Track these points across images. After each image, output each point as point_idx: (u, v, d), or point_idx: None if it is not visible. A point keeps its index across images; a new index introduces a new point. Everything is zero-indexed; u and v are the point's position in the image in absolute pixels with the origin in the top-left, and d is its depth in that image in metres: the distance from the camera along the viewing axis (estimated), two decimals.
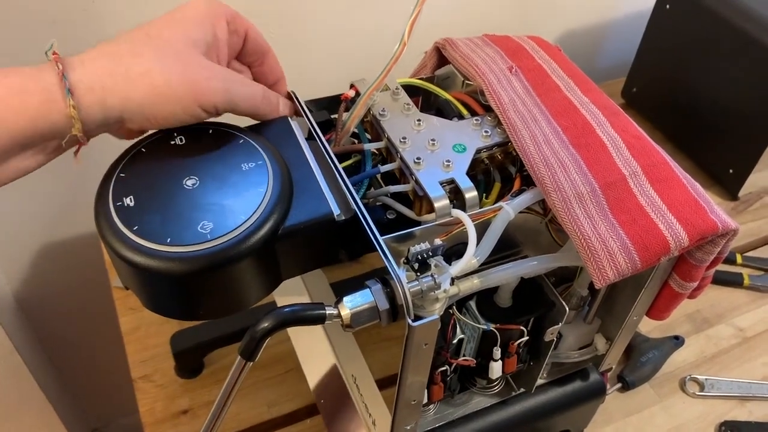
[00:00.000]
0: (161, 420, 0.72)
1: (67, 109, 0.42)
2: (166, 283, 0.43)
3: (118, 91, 0.43)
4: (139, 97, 0.44)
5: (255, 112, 0.50)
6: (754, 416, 0.76)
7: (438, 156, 0.50)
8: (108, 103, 0.43)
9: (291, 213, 0.46)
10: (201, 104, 0.45)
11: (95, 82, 0.43)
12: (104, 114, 0.44)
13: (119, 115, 0.44)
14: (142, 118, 0.45)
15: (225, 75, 0.47)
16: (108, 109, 0.44)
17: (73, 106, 0.42)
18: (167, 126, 0.47)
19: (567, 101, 0.54)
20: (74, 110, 0.42)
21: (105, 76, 0.43)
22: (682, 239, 0.46)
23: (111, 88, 0.43)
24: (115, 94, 0.43)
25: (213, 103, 0.46)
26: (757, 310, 0.86)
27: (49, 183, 0.96)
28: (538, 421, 0.65)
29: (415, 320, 0.42)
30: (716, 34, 0.95)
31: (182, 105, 0.45)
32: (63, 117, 0.42)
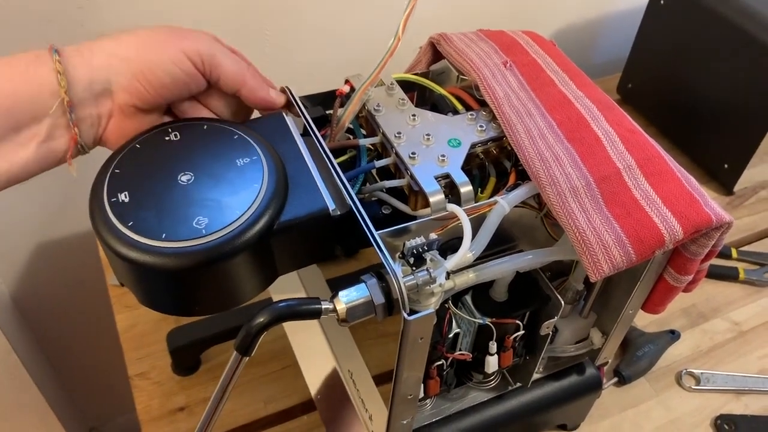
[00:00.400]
0: (158, 417, 0.72)
1: (54, 65, 0.44)
2: (161, 278, 0.43)
3: (104, 50, 0.45)
4: (123, 50, 0.45)
5: (241, 78, 0.50)
6: (750, 410, 0.76)
7: (433, 151, 0.50)
8: (94, 62, 0.45)
9: (286, 208, 0.46)
10: (185, 49, 0.46)
11: (83, 46, 0.45)
12: (90, 74, 0.45)
13: (105, 77, 0.45)
14: (129, 75, 0.45)
15: (211, 35, 0.49)
16: (94, 70, 0.45)
17: (59, 62, 0.44)
18: (157, 84, 0.46)
19: (561, 95, 0.54)
20: (60, 65, 0.44)
21: (92, 43, 0.46)
22: (676, 232, 0.46)
23: (98, 48, 0.45)
24: (101, 52, 0.45)
25: (197, 50, 0.46)
26: (753, 305, 0.87)
27: (44, 183, 0.95)
28: (534, 416, 0.65)
29: (411, 314, 0.42)
30: (710, 29, 0.96)
31: (167, 51, 0.45)
32: (50, 74, 0.44)
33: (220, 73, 0.48)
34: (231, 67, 0.48)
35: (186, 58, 0.46)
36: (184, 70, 0.47)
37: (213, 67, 0.47)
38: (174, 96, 0.48)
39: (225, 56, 0.48)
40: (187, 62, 0.46)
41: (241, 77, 0.49)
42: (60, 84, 0.44)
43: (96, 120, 0.47)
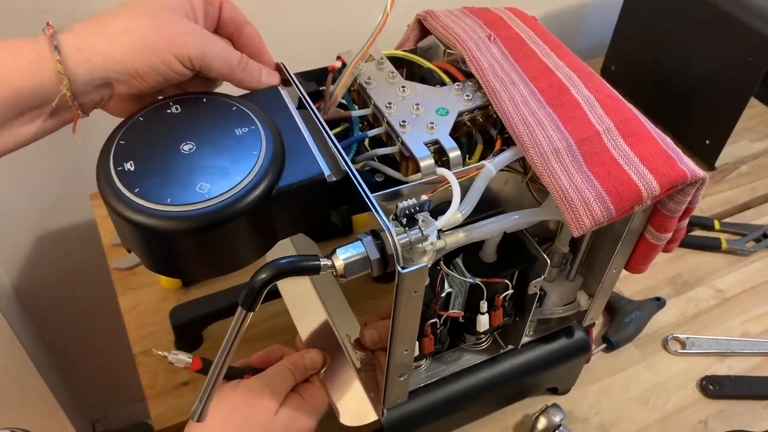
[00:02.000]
0: (163, 392, 0.74)
1: (55, 65, 0.45)
2: (168, 241, 0.45)
3: (101, 52, 0.47)
4: (119, 54, 0.47)
5: (230, 74, 0.52)
6: (734, 371, 0.79)
7: (422, 119, 0.53)
8: (94, 62, 0.47)
9: (284, 174, 0.48)
10: (176, 54, 0.48)
11: (82, 43, 0.47)
12: (90, 73, 0.47)
13: (105, 75, 0.47)
14: (126, 74, 0.48)
15: (201, 32, 0.50)
16: (94, 69, 0.47)
17: (59, 61, 0.45)
18: (153, 82, 0.49)
19: (543, 65, 0.56)
20: (60, 65, 0.45)
21: (90, 37, 0.47)
22: (653, 188, 0.49)
23: (96, 48, 0.47)
24: (100, 55, 0.47)
25: (187, 54, 0.48)
26: (735, 273, 0.90)
27: (43, 173, 0.98)
28: (526, 378, 0.68)
29: (405, 268, 0.44)
30: (689, 10, 0.99)
31: (159, 56, 0.47)
32: (52, 74, 0.46)
33: (210, 70, 0.50)
34: (219, 64, 0.50)
35: (177, 63, 0.48)
36: (175, 71, 0.49)
37: (203, 66, 0.50)
38: (166, 86, 0.51)
39: (214, 53, 0.50)
40: (179, 65, 0.49)
41: (230, 70, 0.51)
42: (62, 83, 0.46)
43: (97, 101, 0.50)
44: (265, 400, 0.56)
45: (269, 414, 0.56)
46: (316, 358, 0.61)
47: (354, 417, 0.60)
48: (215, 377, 0.48)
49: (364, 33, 0.54)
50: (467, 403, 0.65)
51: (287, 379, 0.59)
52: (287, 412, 0.57)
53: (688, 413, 0.75)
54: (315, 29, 1.01)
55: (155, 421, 0.72)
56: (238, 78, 0.52)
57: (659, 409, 0.76)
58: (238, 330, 0.46)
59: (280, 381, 0.59)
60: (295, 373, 0.60)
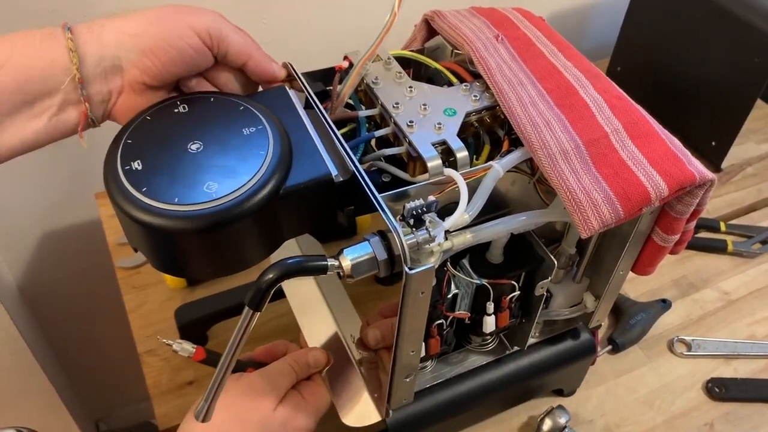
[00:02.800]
0: (167, 391, 0.74)
1: (66, 41, 0.46)
2: (175, 241, 0.45)
3: (113, 27, 0.47)
4: (133, 27, 0.47)
5: (247, 51, 0.52)
6: (740, 373, 0.79)
7: (430, 119, 0.53)
8: (104, 38, 0.47)
9: (291, 174, 0.48)
10: (192, 25, 0.48)
11: (94, 23, 0.48)
12: (100, 51, 0.47)
13: (115, 53, 0.47)
14: (138, 52, 0.48)
15: (217, 12, 0.51)
16: (104, 46, 0.47)
17: (71, 39, 0.46)
18: (166, 60, 0.48)
19: (551, 66, 0.56)
20: (72, 42, 0.46)
21: (104, 21, 0.48)
22: (662, 189, 0.48)
23: (108, 25, 0.48)
24: (111, 29, 0.47)
25: (204, 25, 0.48)
26: (741, 275, 0.90)
27: (49, 172, 0.98)
28: (531, 379, 0.68)
29: (412, 269, 0.44)
30: (695, 11, 0.98)
31: (175, 27, 0.48)
32: (62, 50, 0.46)
33: (227, 46, 0.50)
34: (238, 41, 0.51)
35: (194, 33, 0.48)
36: (192, 45, 0.49)
37: (220, 41, 0.50)
38: (182, 72, 0.51)
39: (231, 31, 0.50)
40: (195, 37, 0.48)
41: (247, 50, 0.51)
42: (72, 61, 0.46)
43: (106, 96, 0.50)
44: (264, 395, 0.56)
45: (268, 410, 0.56)
46: (320, 357, 0.61)
47: (357, 417, 0.60)
48: (221, 377, 0.48)
49: (372, 33, 0.54)
50: (472, 405, 0.65)
51: (289, 375, 0.59)
52: (286, 410, 0.57)
53: (693, 416, 0.75)
54: (322, 29, 1.01)
55: (160, 420, 0.72)
56: (255, 56, 0.52)
57: (665, 412, 0.75)
58: (245, 330, 0.46)
59: (282, 377, 0.58)
60: (297, 370, 0.59)
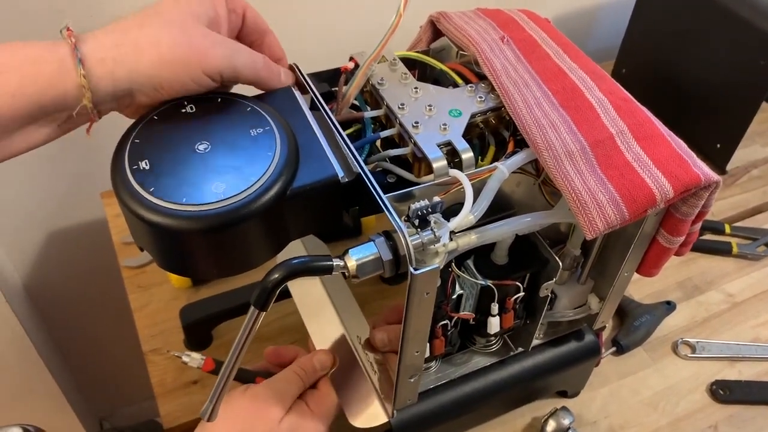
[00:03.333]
0: (172, 390, 0.75)
1: (78, 79, 0.45)
2: (182, 241, 0.45)
3: (126, 63, 0.46)
4: (146, 67, 0.46)
5: (257, 79, 0.52)
6: (744, 375, 0.79)
7: (435, 120, 0.53)
8: (117, 74, 0.46)
9: (298, 175, 0.48)
10: (205, 70, 0.47)
11: (106, 55, 0.45)
12: (114, 85, 0.46)
13: (128, 87, 0.47)
14: (150, 87, 0.47)
15: (227, 43, 0.50)
16: (117, 81, 0.46)
17: (84, 76, 0.45)
18: (175, 95, 0.49)
19: (556, 67, 0.56)
20: (85, 80, 0.45)
21: (114, 48, 0.46)
22: (667, 191, 0.48)
23: (120, 60, 0.46)
24: (124, 66, 0.46)
25: (217, 69, 0.48)
26: (746, 277, 0.90)
27: (54, 171, 0.98)
28: (535, 380, 0.68)
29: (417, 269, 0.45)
30: (700, 13, 0.98)
31: (188, 72, 0.47)
32: (74, 86, 0.45)
33: (238, 79, 0.50)
34: (247, 72, 0.50)
35: (206, 78, 0.48)
36: (202, 86, 0.49)
37: (232, 78, 0.50)
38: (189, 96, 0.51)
39: (242, 63, 0.50)
40: (207, 80, 0.48)
41: (257, 77, 0.52)
42: (85, 96, 0.45)
43: (115, 108, 0.50)
44: (270, 407, 0.56)
45: (274, 422, 0.56)
46: (325, 360, 0.61)
47: (363, 418, 0.60)
48: (227, 376, 0.48)
49: (377, 34, 0.54)
50: (476, 406, 0.65)
51: (295, 383, 0.59)
52: (292, 421, 0.57)
53: (697, 418, 0.75)
54: (328, 30, 1.01)
55: (165, 419, 0.73)
56: (264, 80, 0.53)
57: (669, 414, 0.75)
58: (250, 329, 0.46)
59: (288, 386, 0.59)
60: (303, 377, 0.60)
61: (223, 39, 0.50)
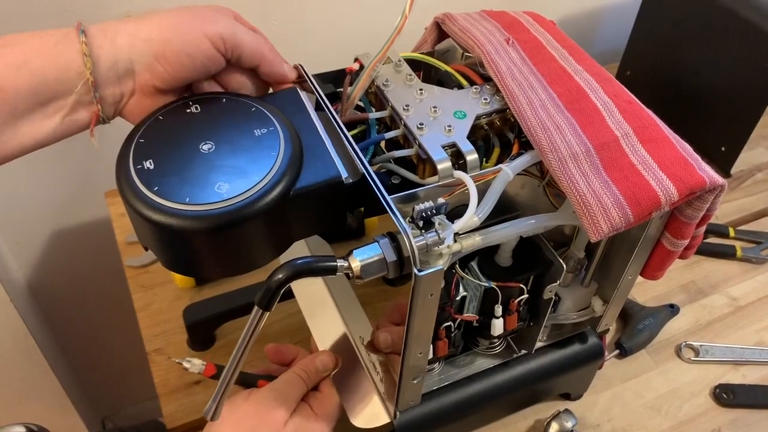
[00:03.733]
0: (175, 390, 0.75)
1: (80, 46, 0.46)
2: (185, 240, 0.45)
3: (127, 30, 0.47)
4: (146, 32, 0.47)
5: (260, 54, 0.52)
6: (748, 379, 0.79)
7: (440, 122, 0.53)
8: (117, 42, 0.47)
9: (301, 176, 0.48)
10: (207, 33, 0.48)
11: (108, 26, 0.48)
12: (114, 55, 0.47)
13: (128, 57, 0.48)
14: (150, 56, 0.48)
15: (231, 13, 0.51)
16: (117, 50, 0.47)
17: (85, 43, 0.46)
18: (178, 67, 0.49)
19: (561, 69, 0.56)
20: (86, 47, 0.46)
21: (117, 24, 0.48)
22: (672, 194, 0.48)
23: (122, 30, 0.48)
24: (124, 33, 0.47)
25: (218, 32, 0.48)
26: (750, 281, 0.89)
27: (59, 170, 0.98)
28: (538, 383, 0.68)
29: (421, 271, 0.44)
30: (706, 15, 0.98)
31: (189, 34, 0.48)
32: (76, 55, 0.46)
33: (240, 50, 0.50)
34: (251, 44, 0.51)
35: (207, 40, 0.48)
36: (204, 52, 0.49)
37: (234, 46, 0.50)
38: (193, 77, 0.51)
39: (245, 34, 0.51)
40: (208, 44, 0.49)
41: (260, 52, 0.52)
42: (85, 65, 0.46)
43: (118, 97, 0.50)
44: (275, 410, 0.56)
45: (279, 425, 0.56)
46: (327, 361, 0.61)
47: (366, 419, 0.60)
48: (230, 376, 0.48)
49: (382, 35, 0.54)
50: (479, 407, 0.65)
51: (298, 385, 0.59)
52: (296, 423, 0.57)
53: (701, 421, 0.75)
54: (333, 31, 1.01)
55: (167, 419, 0.73)
56: (267, 58, 0.52)
57: (672, 417, 0.75)
58: (254, 329, 0.46)
59: (291, 390, 0.59)
60: (306, 379, 0.60)
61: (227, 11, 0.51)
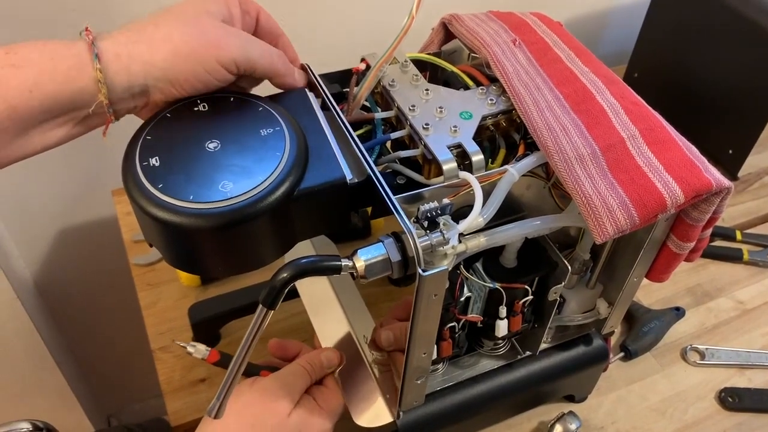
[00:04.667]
0: (179, 388, 0.75)
1: (95, 73, 0.45)
2: (188, 237, 0.45)
3: (141, 57, 0.46)
4: (160, 60, 0.46)
5: (273, 70, 0.52)
6: (753, 383, 0.78)
7: (445, 122, 0.53)
8: (132, 69, 0.46)
9: (306, 176, 0.48)
10: (220, 60, 0.48)
11: (122, 50, 0.46)
12: (129, 81, 0.47)
13: (143, 83, 0.47)
14: (165, 82, 0.47)
15: (242, 34, 0.50)
16: (132, 76, 0.46)
17: (100, 70, 0.45)
18: (191, 90, 0.49)
19: (568, 71, 0.56)
20: (101, 74, 0.45)
21: (130, 44, 0.46)
22: (677, 196, 0.48)
23: (136, 56, 0.46)
24: (139, 60, 0.46)
25: (232, 58, 0.48)
26: (757, 284, 0.89)
27: (66, 169, 0.99)
28: (543, 384, 0.68)
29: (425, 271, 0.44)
30: (714, 17, 0.98)
31: (202, 63, 0.47)
32: (91, 81, 0.45)
33: (254, 69, 0.50)
34: (263, 62, 0.50)
35: (221, 67, 0.48)
36: (218, 78, 0.49)
37: (248, 68, 0.50)
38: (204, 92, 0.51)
39: (256, 51, 0.50)
40: (222, 71, 0.48)
41: (273, 68, 0.51)
42: (101, 91, 0.46)
43: (131, 109, 0.50)
44: (279, 400, 0.57)
45: (282, 415, 0.56)
46: (332, 357, 0.61)
47: (369, 418, 0.60)
48: (234, 374, 0.48)
49: (389, 35, 0.55)
50: (483, 409, 0.65)
51: (302, 377, 0.59)
52: (300, 415, 0.57)
53: (706, 425, 0.75)
54: (340, 31, 1.01)
55: (172, 416, 0.73)
56: (281, 71, 0.52)
57: (677, 420, 0.75)
58: (258, 328, 0.46)
59: (295, 379, 0.59)
60: (311, 372, 0.60)
61: (238, 31, 0.50)
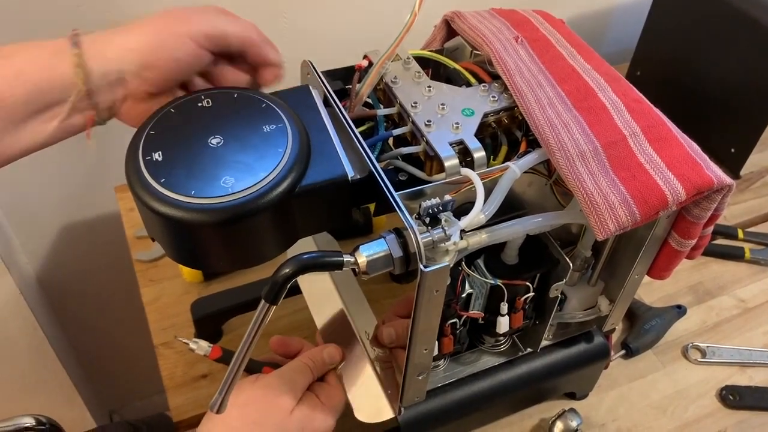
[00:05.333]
0: (182, 384, 0.75)
1: (73, 58, 0.48)
2: (189, 232, 0.46)
3: (116, 43, 0.49)
4: (133, 42, 0.49)
5: (248, 39, 0.52)
6: (755, 381, 0.78)
7: (447, 119, 0.53)
8: (107, 54, 0.49)
9: (308, 173, 0.48)
10: (191, 34, 0.49)
11: (99, 38, 0.49)
12: (105, 66, 0.49)
13: (118, 67, 0.49)
14: (139, 65, 0.49)
15: (215, 9, 0.52)
16: (108, 61, 0.49)
17: (77, 55, 0.48)
18: (167, 72, 0.50)
19: (570, 68, 0.56)
20: (78, 59, 0.48)
21: (108, 35, 0.50)
22: (679, 193, 0.48)
23: (111, 42, 0.49)
24: (114, 46, 0.49)
25: (202, 31, 0.49)
26: (758, 283, 0.89)
27: (69, 165, 0.99)
28: (544, 381, 0.68)
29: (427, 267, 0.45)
30: (717, 16, 0.98)
31: (173, 41, 0.49)
32: (69, 67, 0.48)
33: (228, 40, 0.51)
34: (236, 30, 0.51)
35: (192, 42, 0.49)
36: (189, 53, 0.50)
37: (219, 39, 0.51)
38: (182, 77, 0.52)
39: (229, 24, 0.51)
40: (192, 45, 0.50)
41: (248, 37, 0.52)
42: (78, 76, 0.48)
43: (111, 103, 0.51)
44: (282, 397, 0.57)
45: (285, 412, 0.56)
46: (334, 353, 0.61)
47: (370, 414, 0.61)
48: (236, 369, 0.48)
49: (392, 32, 0.55)
50: (484, 405, 0.65)
51: (305, 374, 0.59)
52: (303, 412, 0.57)
53: (707, 423, 0.75)
54: (342, 28, 1.01)
55: (174, 412, 0.73)
56: (255, 44, 0.53)
57: (678, 418, 0.75)
58: (260, 323, 0.46)
59: (298, 376, 0.59)
60: (313, 368, 0.60)
61: (211, 8, 0.52)
